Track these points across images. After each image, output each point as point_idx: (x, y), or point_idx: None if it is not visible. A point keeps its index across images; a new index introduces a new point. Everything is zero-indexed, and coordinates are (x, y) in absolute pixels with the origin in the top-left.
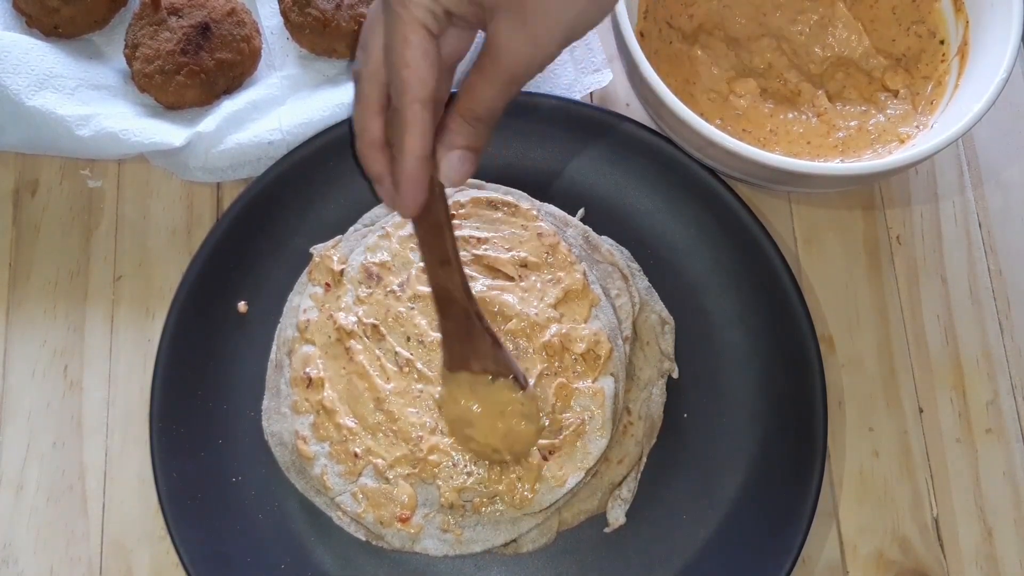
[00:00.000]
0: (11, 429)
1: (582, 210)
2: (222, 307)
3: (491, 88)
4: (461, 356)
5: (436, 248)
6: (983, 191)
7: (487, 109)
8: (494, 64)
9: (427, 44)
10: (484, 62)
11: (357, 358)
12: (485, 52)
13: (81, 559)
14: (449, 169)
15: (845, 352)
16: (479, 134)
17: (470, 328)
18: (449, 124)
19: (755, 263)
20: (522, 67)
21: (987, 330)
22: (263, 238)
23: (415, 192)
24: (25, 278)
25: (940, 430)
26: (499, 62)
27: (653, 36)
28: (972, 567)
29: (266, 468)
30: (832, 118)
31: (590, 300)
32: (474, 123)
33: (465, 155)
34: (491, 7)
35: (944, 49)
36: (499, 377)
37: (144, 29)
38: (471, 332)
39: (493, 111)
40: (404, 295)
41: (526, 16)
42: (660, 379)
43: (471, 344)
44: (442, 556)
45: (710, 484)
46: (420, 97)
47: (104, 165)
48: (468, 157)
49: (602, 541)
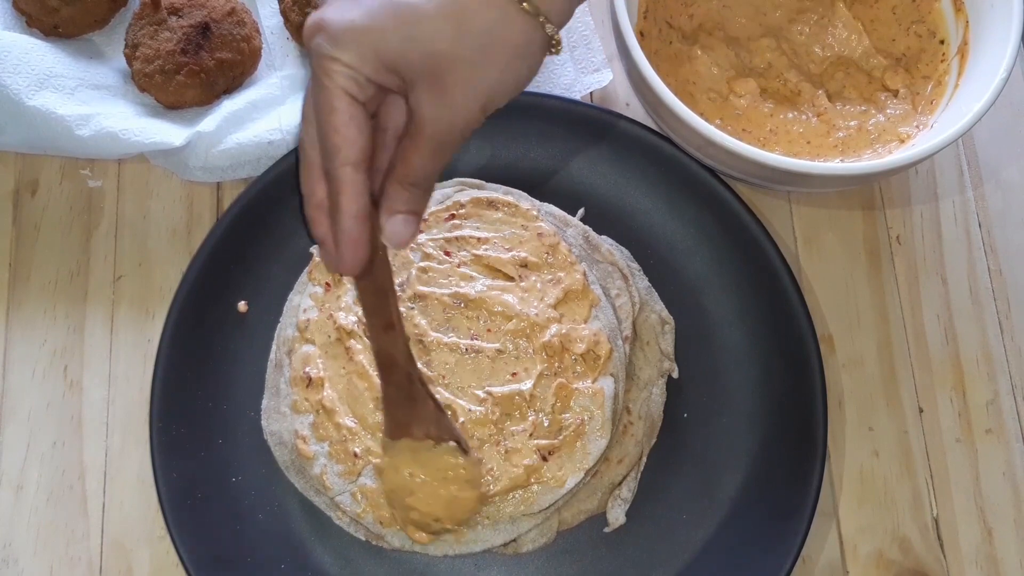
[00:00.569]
0: (11, 429)
1: (582, 210)
2: (222, 307)
3: (420, 156)
4: (403, 422)
5: (380, 312)
6: (983, 191)
7: (421, 175)
8: (419, 133)
9: (352, 110)
10: (410, 131)
11: (357, 358)
12: (410, 121)
13: (81, 559)
14: (392, 233)
15: (845, 352)
16: (417, 199)
17: (412, 393)
18: (388, 191)
19: (755, 263)
20: (444, 134)
21: (987, 330)
22: (263, 238)
23: (354, 251)
24: (25, 278)
25: (940, 430)
26: (423, 131)
27: (653, 36)
28: (972, 567)
29: (266, 468)
30: (832, 118)
31: (590, 300)
32: (411, 189)
33: (407, 219)
34: (410, 79)
35: (944, 49)
36: (442, 442)
37: (144, 29)
38: (413, 397)
39: (427, 177)
40: (404, 295)
41: (443, 87)
42: (660, 379)
43: (413, 409)
44: (442, 556)
45: (710, 484)
46: (350, 160)
47: (104, 165)
48: (410, 220)
49: (602, 541)
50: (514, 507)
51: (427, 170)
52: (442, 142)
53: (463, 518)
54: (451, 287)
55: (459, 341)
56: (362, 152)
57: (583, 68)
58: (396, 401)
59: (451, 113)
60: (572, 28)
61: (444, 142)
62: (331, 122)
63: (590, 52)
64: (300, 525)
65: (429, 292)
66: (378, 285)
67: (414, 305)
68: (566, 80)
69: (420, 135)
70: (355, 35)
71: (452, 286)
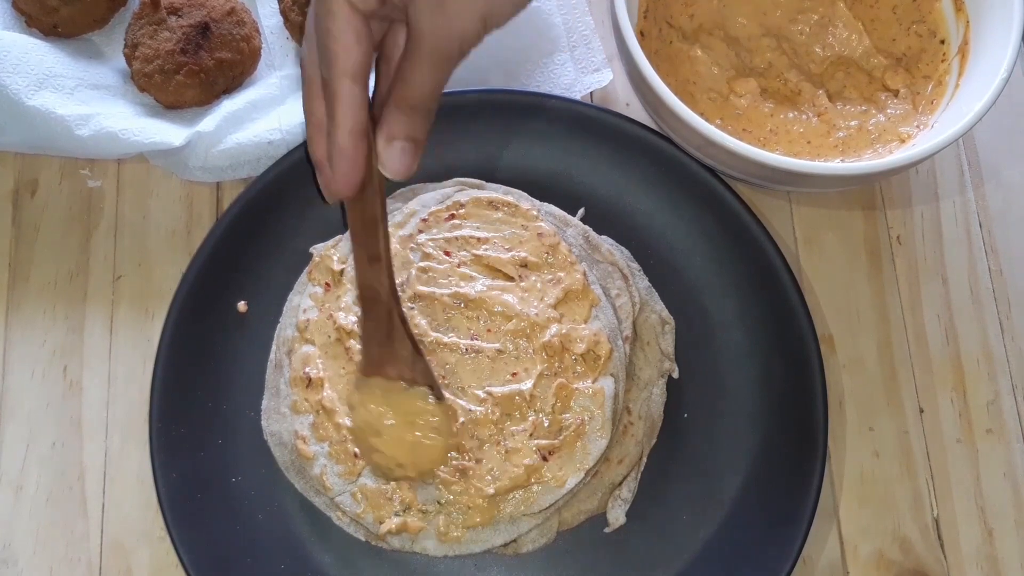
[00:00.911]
0: (11, 429)
1: (582, 210)
2: (222, 307)
3: (419, 72)
4: (379, 360)
5: (368, 243)
6: (984, 191)
7: (420, 95)
8: (418, 47)
9: (353, 18)
10: (409, 47)
11: (357, 358)
12: (409, 39)
13: (81, 559)
14: (390, 159)
15: (845, 352)
16: (416, 123)
17: (391, 331)
18: (386, 114)
19: (755, 263)
20: (443, 47)
21: (987, 330)
22: (263, 238)
23: (348, 169)
24: (25, 278)
25: (940, 430)
26: (422, 44)
27: (653, 36)
28: (972, 567)
29: (266, 468)
30: (832, 118)
31: (590, 300)
32: (410, 112)
33: (406, 146)
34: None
35: (944, 49)
36: (415, 386)
37: (144, 29)
38: (392, 335)
39: (425, 97)
40: (404, 295)
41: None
42: (660, 379)
43: (391, 348)
44: (442, 556)
45: (710, 484)
46: (347, 70)
47: (104, 165)
48: (408, 148)
49: (602, 541)
50: (514, 507)
51: (426, 88)
52: (442, 55)
53: (427, 467)
54: (451, 287)
55: (459, 341)
56: (360, 63)
57: (583, 68)
58: (374, 338)
59: (450, 23)
60: (572, 28)
61: (443, 55)
62: (329, 29)
63: (590, 52)
64: (300, 525)
65: (429, 292)
66: (368, 214)
67: (414, 305)
68: (566, 80)
69: (419, 49)
70: None
71: (452, 286)
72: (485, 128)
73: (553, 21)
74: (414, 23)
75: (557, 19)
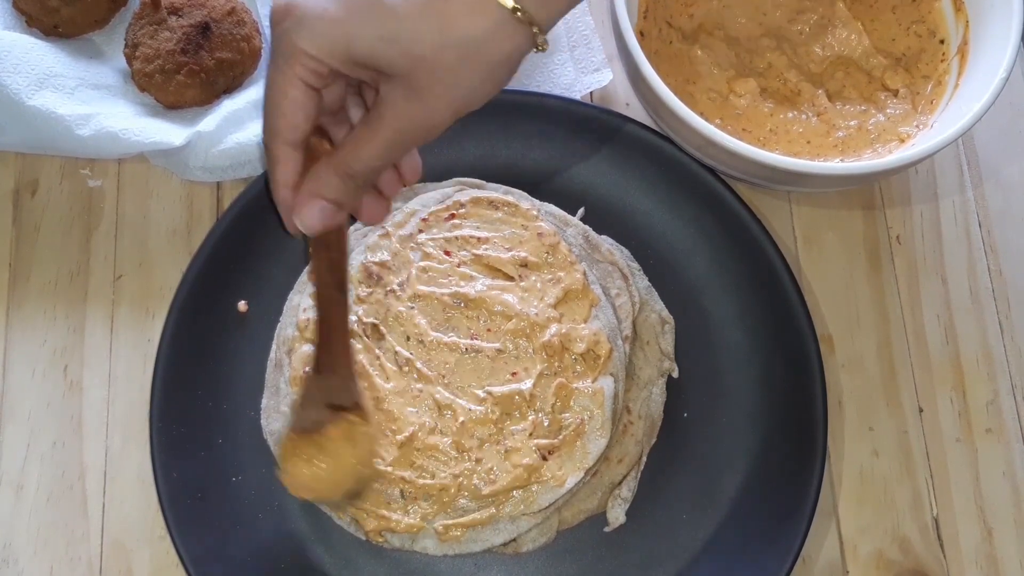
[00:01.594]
0: (11, 429)
1: (582, 210)
2: (222, 307)
3: (372, 147)
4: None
5: (326, 279)
6: (983, 191)
7: (363, 167)
8: (380, 125)
9: (304, 98)
10: (371, 119)
11: (357, 357)
12: (374, 111)
13: (81, 559)
14: (302, 216)
15: (845, 352)
16: (347, 190)
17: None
18: (318, 171)
19: (755, 263)
20: (408, 132)
21: (987, 330)
22: (263, 238)
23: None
24: (25, 278)
25: (940, 430)
26: (386, 122)
27: (653, 36)
28: (972, 567)
29: (266, 468)
30: (832, 118)
31: (590, 300)
32: (345, 178)
33: (325, 208)
34: (385, 74)
35: (944, 48)
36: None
37: (144, 28)
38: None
39: (368, 171)
40: (404, 295)
41: (419, 88)
42: (660, 378)
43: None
44: (442, 556)
45: (710, 484)
46: (288, 140)
47: (104, 165)
48: (328, 211)
49: (602, 541)
50: (514, 507)
51: (373, 164)
52: (403, 139)
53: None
54: (451, 287)
55: (459, 341)
56: (303, 135)
57: (583, 68)
58: (323, 361)
59: (422, 113)
60: (572, 28)
61: (404, 140)
62: (280, 105)
63: (590, 52)
64: (300, 525)
65: (429, 292)
66: (331, 254)
67: (414, 305)
68: (566, 80)
69: (380, 127)
70: (326, 26)
71: (452, 286)
72: (485, 128)
73: None
74: (385, 99)
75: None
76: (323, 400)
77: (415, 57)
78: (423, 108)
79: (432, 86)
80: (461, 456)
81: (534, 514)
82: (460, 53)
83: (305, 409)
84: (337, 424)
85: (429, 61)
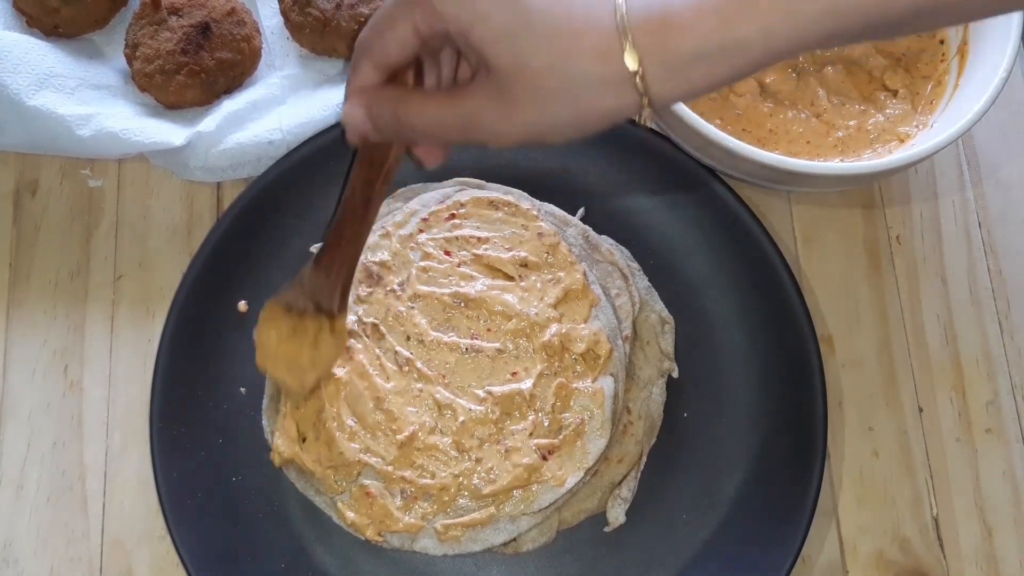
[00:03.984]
0: (11, 429)
1: (582, 210)
2: (222, 307)
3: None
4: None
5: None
6: (983, 190)
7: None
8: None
9: (408, 38)
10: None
11: (357, 357)
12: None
13: (81, 559)
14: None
15: (845, 352)
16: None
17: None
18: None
19: (755, 263)
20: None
21: (987, 330)
22: (263, 238)
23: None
24: (25, 278)
25: (940, 430)
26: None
27: None
28: (972, 567)
29: (266, 468)
30: (832, 118)
31: (590, 300)
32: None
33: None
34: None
35: (944, 48)
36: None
37: (144, 29)
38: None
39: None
40: (404, 294)
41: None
42: (660, 378)
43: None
44: (442, 555)
45: (710, 484)
46: (375, 63)
47: (104, 165)
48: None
49: (602, 540)
50: (514, 506)
51: (424, 130)
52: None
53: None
54: (451, 287)
55: (459, 340)
56: (391, 64)
57: None
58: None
59: (498, 120)
60: None
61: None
62: (383, 33)
63: None
64: (300, 525)
65: (429, 291)
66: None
67: (414, 304)
68: None
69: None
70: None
71: (452, 285)
72: None
73: None
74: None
75: None
76: (309, 295)
77: (521, 66)
78: (501, 116)
79: (522, 99)
80: (461, 456)
81: (534, 514)
82: (563, 84)
83: (293, 290)
84: (314, 320)
85: (531, 75)
